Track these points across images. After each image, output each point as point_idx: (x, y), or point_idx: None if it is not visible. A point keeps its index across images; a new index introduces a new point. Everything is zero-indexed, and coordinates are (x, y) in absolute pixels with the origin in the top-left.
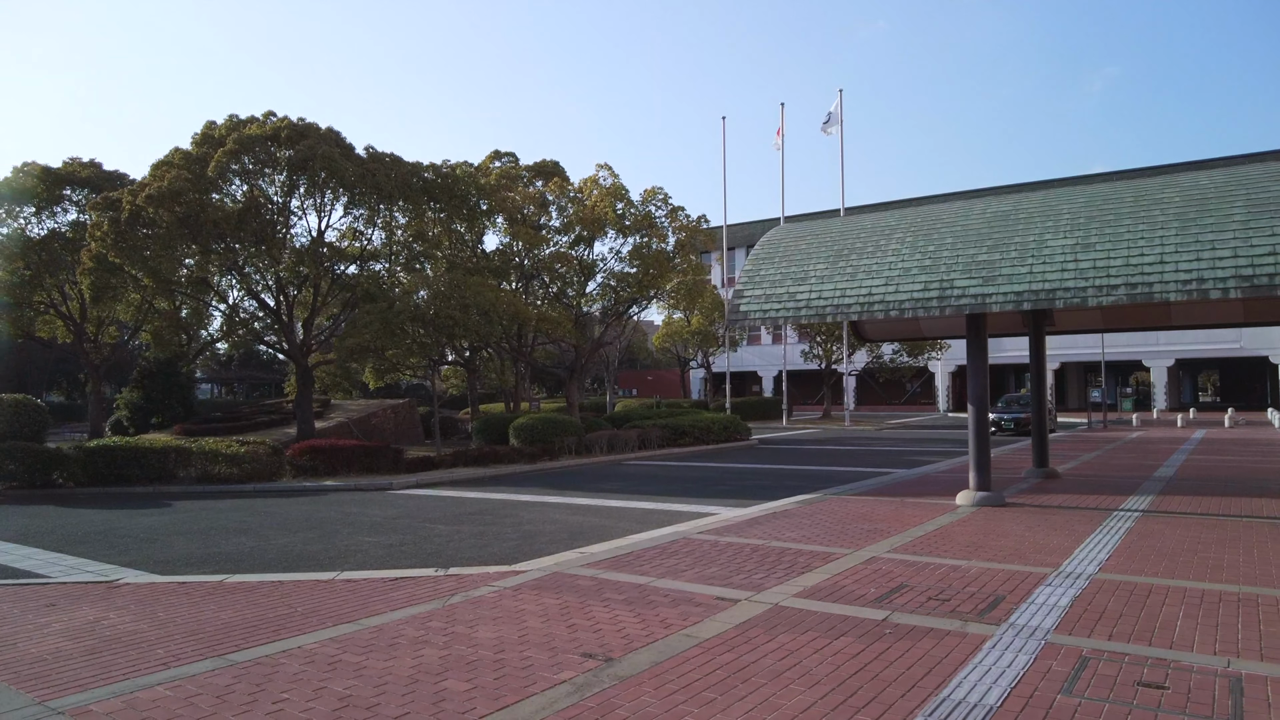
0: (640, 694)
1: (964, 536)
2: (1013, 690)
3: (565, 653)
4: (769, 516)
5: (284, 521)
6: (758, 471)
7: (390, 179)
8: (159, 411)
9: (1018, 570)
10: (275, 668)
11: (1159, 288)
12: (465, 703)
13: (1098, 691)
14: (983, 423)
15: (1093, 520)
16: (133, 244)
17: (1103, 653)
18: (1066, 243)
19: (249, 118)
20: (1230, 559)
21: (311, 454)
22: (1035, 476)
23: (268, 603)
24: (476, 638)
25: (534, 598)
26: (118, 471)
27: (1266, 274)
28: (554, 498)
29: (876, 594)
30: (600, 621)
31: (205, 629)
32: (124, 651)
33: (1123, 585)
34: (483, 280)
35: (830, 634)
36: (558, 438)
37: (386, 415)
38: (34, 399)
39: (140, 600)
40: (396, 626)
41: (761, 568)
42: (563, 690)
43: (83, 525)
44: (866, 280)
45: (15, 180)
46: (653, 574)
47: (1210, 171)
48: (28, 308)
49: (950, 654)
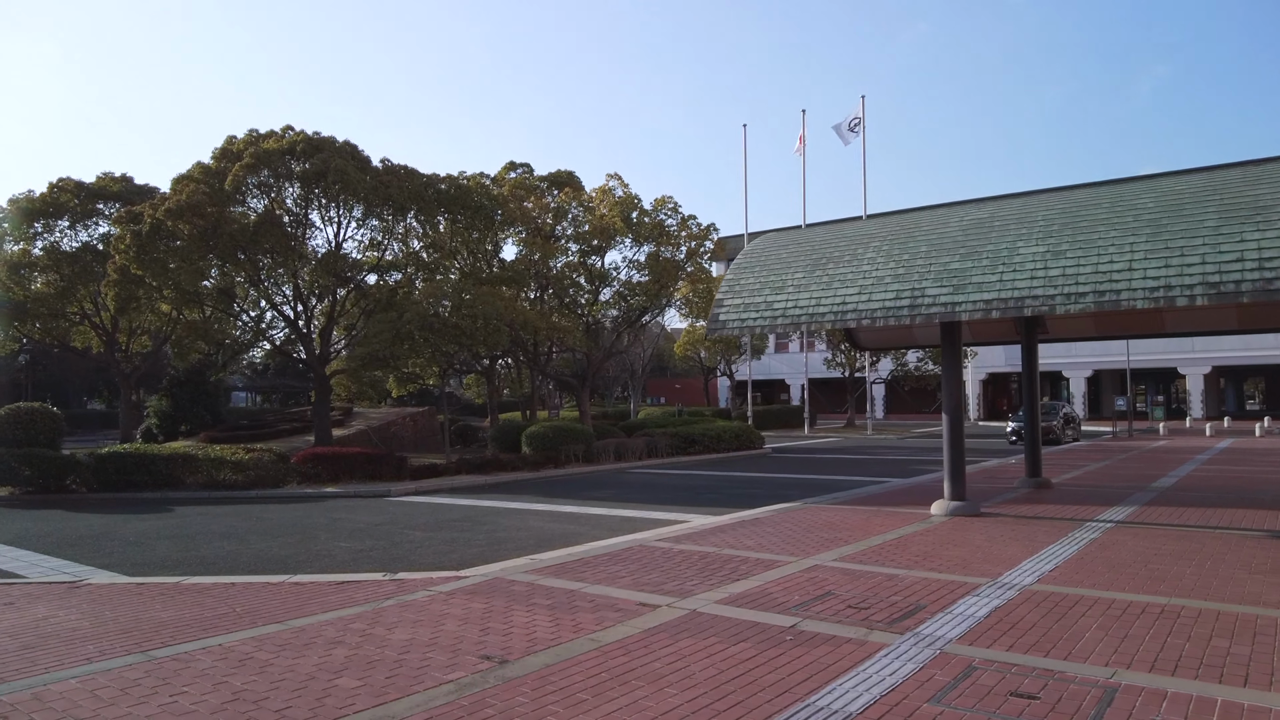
0: (516, 695)
1: (919, 546)
2: (881, 698)
3: (466, 654)
4: (736, 524)
5: (271, 527)
6: (755, 480)
7: (403, 191)
8: (188, 419)
9: (953, 580)
10: (188, 664)
11: (1126, 295)
12: (347, 699)
13: (966, 701)
14: (957, 432)
15: (1059, 531)
16: (154, 256)
17: (993, 663)
18: (1038, 250)
19: (268, 132)
20: (1177, 571)
21: (315, 461)
22: (1027, 486)
23: (211, 603)
24: (390, 639)
25: (463, 602)
26: (127, 478)
27: (1233, 281)
28: (541, 505)
29: (798, 601)
30: (515, 625)
31: (141, 627)
32: (55, 648)
33: (1052, 596)
34: (494, 290)
35: (731, 640)
36: (565, 446)
37: (405, 423)
38: (50, 407)
39: (94, 600)
40: (319, 627)
41: (700, 575)
42: (445, 689)
43: (80, 529)
44: (841, 289)
45: (50, 196)
46: (590, 580)
47: (1191, 175)
48: (62, 318)
49: (838, 662)
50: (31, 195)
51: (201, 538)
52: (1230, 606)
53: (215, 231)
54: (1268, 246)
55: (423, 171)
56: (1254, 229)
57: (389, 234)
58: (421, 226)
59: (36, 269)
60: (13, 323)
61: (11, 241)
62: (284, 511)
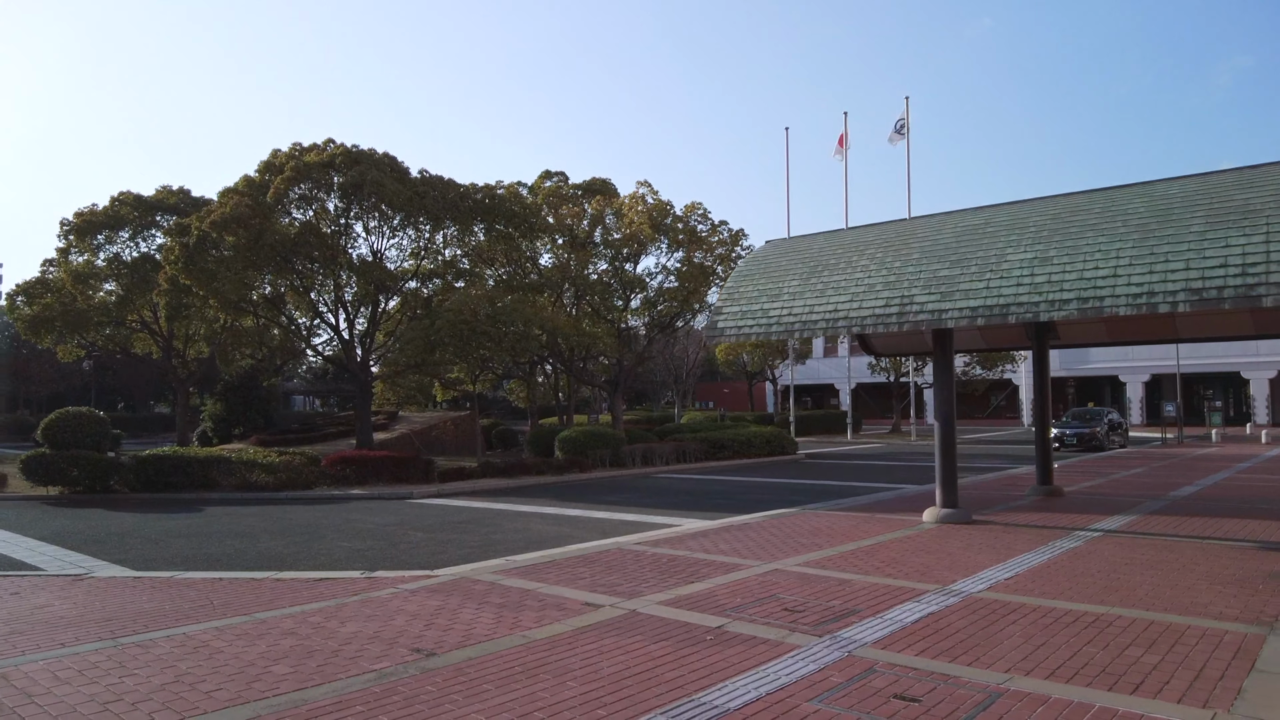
0: (426, 684)
1: (890, 552)
2: (765, 696)
3: (400, 647)
4: (723, 529)
5: (285, 527)
6: (771, 486)
7: (439, 201)
8: (241, 422)
9: (902, 586)
10: (148, 649)
11: (1109, 302)
12: (274, 683)
13: (847, 701)
14: (949, 440)
15: (1041, 540)
16: (201, 267)
17: (895, 666)
18: (1026, 257)
19: (310, 145)
20: (1137, 581)
21: (344, 464)
22: (1035, 494)
23: (194, 596)
24: (338, 632)
25: (421, 599)
26: (166, 479)
27: (1215, 287)
28: (550, 509)
29: (738, 604)
30: (459, 622)
31: (120, 617)
32: (38, 633)
33: (993, 604)
34: (525, 297)
35: (653, 639)
36: (595, 450)
37: (447, 427)
38: (96, 412)
39: (91, 592)
40: (279, 620)
41: (658, 577)
42: (365, 678)
43: (111, 527)
44: (834, 297)
45: (111, 209)
46: (550, 581)
47: (1185, 180)
48: (122, 326)
49: (744, 661)
50: (95, 209)
51: (216, 536)
52: (1168, 617)
53: (258, 242)
54: (1251, 251)
55: (460, 182)
56: (1239, 234)
57: (426, 243)
58: (460, 235)
59: (99, 279)
60: (77, 331)
61: (77, 253)
62: (304, 512)
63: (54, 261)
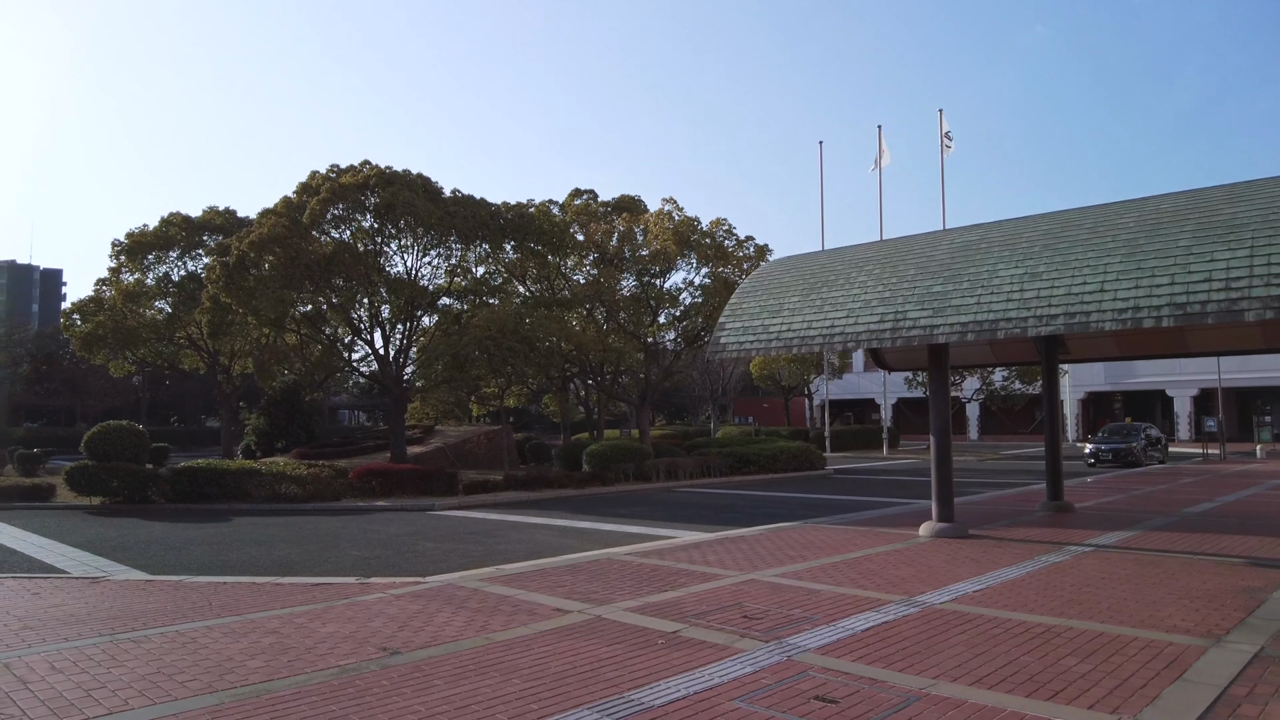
0: (382, 679)
1: (871, 565)
2: (692, 695)
3: (369, 646)
4: (718, 541)
5: (303, 536)
6: (786, 500)
7: (468, 221)
8: (284, 436)
9: (867, 597)
10: (140, 644)
11: (1096, 317)
12: (245, 675)
13: (769, 701)
14: (944, 455)
15: (1028, 554)
16: (241, 285)
17: (828, 670)
18: (1016, 272)
19: (347, 167)
20: (1105, 595)
21: (370, 476)
22: (1045, 510)
23: (196, 597)
24: (318, 631)
25: (404, 603)
26: (200, 490)
27: (1199, 301)
28: (562, 521)
29: (701, 611)
30: (432, 624)
31: (124, 615)
32: (47, 629)
33: (950, 615)
34: (551, 314)
35: (608, 642)
36: (620, 464)
37: (480, 441)
38: (135, 425)
39: (103, 593)
40: (267, 620)
41: (635, 585)
42: (328, 672)
43: (140, 535)
44: (831, 313)
45: (161, 230)
46: (530, 588)
47: (1177, 195)
48: (170, 342)
49: (686, 663)
50: (145, 229)
51: (236, 544)
52: (1120, 629)
53: (294, 262)
54: (1235, 266)
55: (491, 201)
56: (1224, 248)
57: (456, 260)
58: (492, 252)
59: (149, 298)
60: (127, 347)
61: (128, 273)
62: (326, 523)
63: (106, 280)
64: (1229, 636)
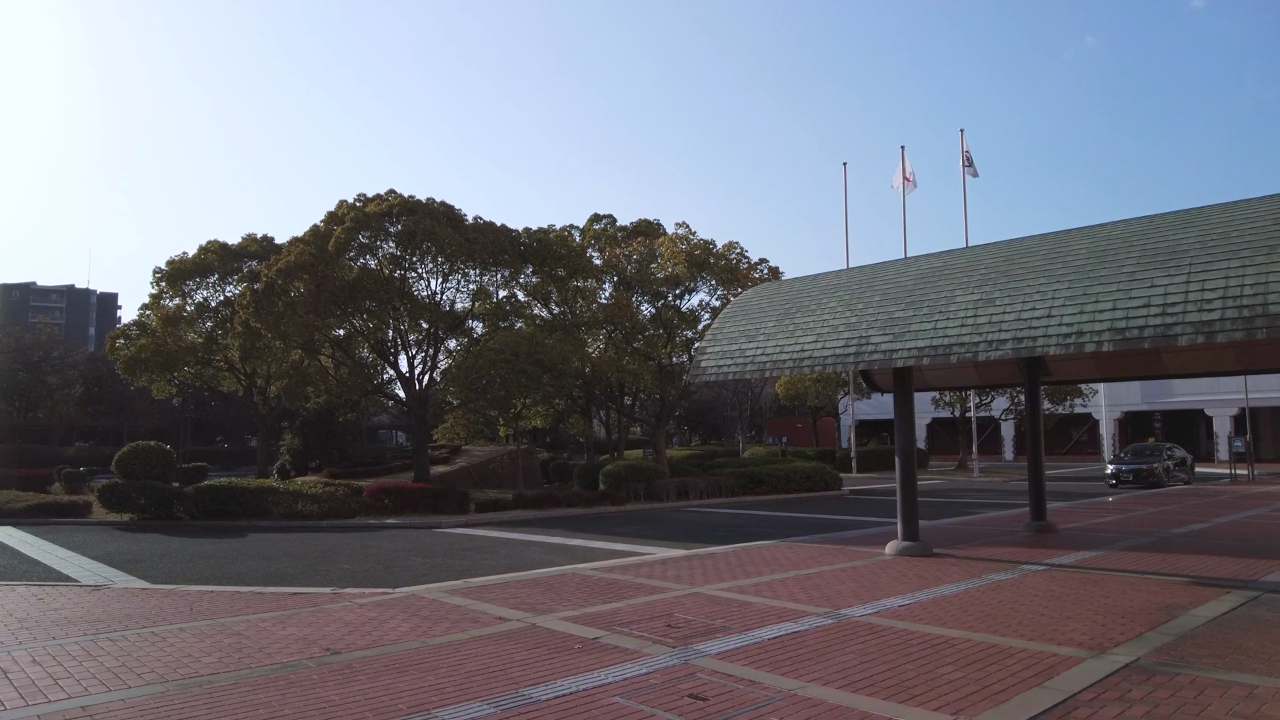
0: (314, 674)
1: (819, 580)
2: (578, 691)
3: (317, 646)
4: (688, 558)
5: (306, 551)
6: (781, 520)
7: (488, 247)
8: (317, 456)
9: (793, 609)
10: (116, 642)
11: (1041, 341)
12: (197, 669)
13: (646, 698)
14: (909, 475)
15: (979, 572)
16: (270, 310)
17: (716, 673)
18: (972, 298)
19: (373, 196)
20: (1025, 610)
21: (383, 495)
22: (1027, 530)
23: (181, 604)
24: (275, 634)
25: (362, 611)
26: (221, 507)
27: (1137, 327)
28: (555, 539)
29: (630, 620)
30: (381, 629)
31: (110, 618)
32: (40, 629)
33: (861, 626)
34: (565, 336)
35: (530, 646)
36: (631, 483)
37: (504, 461)
38: (163, 445)
39: (101, 599)
40: (236, 624)
41: (584, 597)
42: (268, 668)
43: (156, 549)
44: (802, 337)
45: (200, 257)
46: (485, 599)
47: (1130, 222)
48: (209, 365)
49: (588, 665)
50: (185, 257)
51: (241, 558)
52: (1015, 641)
53: (320, 288)
54: (1173, 292)
55: (513, 227)
56: (1164, 274)
57: (476, 285)
58: (512, 276)
59: (188, 322)
60: (168, 370)
61: (168, 298)
62: (333, 539)
63: (148, 305)
64: (1116, 649)
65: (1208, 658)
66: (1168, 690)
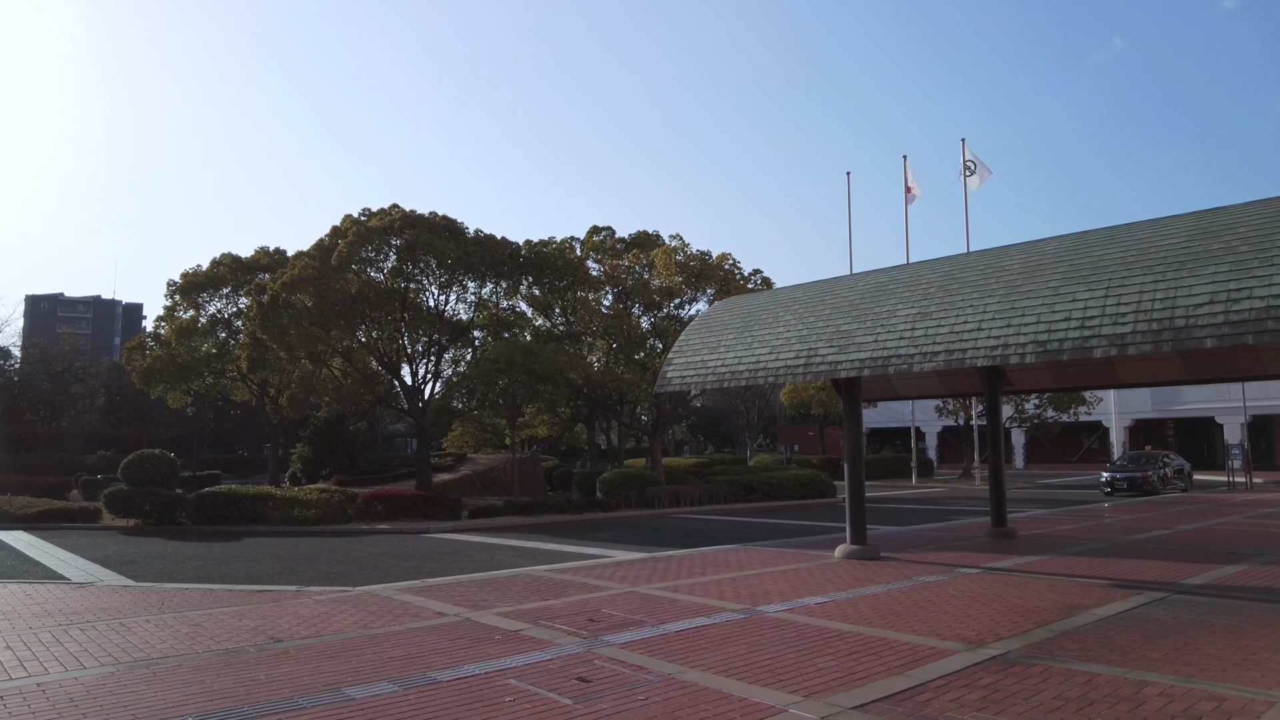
0: (252, 658)
1: (755, 581)
2: (479, 674)
3: (264, 635)
4: (643, 561)
5: (292, 554)
6: (759, 525)
7: (485, 260)
8: (327, 463)
9: (714, 605)
10: (85, 630)
11: (971, 353)
12: (149, 653)
13: (537, 680)
14: (857, 482)
15: (912, 574)
16: (275, 323)
17: (611, 660)
18: (911, 312)
19: (377, 210)
20: (933, 609)
21: (376, 501)
22: (987, 536)
23: (153, 599)
24: (232, 625)
25: (317, 606)
26: (221, 513)
27: (1058, 339)
28: (533, 543)
29: (557, 615)
30: (328, 622)
31: (88, 610)
32: (20, 621)
33: (767, 621)
34: (561, 346)
35: (454, 638)
36: (624, 491)
37: (507, 469)
38: (167, 453)
39: (84, 596)
40: (200, 616)
41: (526, 595)
42: (215, 651)
43: (152, 552)
44: (759, 349)
45: (212, 270)
46: (435, 597)
47: (1061, 238)
48: (222, 376)
49: (500, 653)
50: (199, 270)
51: (228, 560)
52: (904, 636)
53: (323, 300)
54: (1092, 306)
55: (513, 240)
56: (1086, 289)
57: (474, 296)
58: (511, 288)
59: (202, 334)
60: (182, 381)
61: (181, 310)
62: (322, 543)
63: (162, 318)
64: (994, 644)
65: (1074, 651)
66: (1014, 678)
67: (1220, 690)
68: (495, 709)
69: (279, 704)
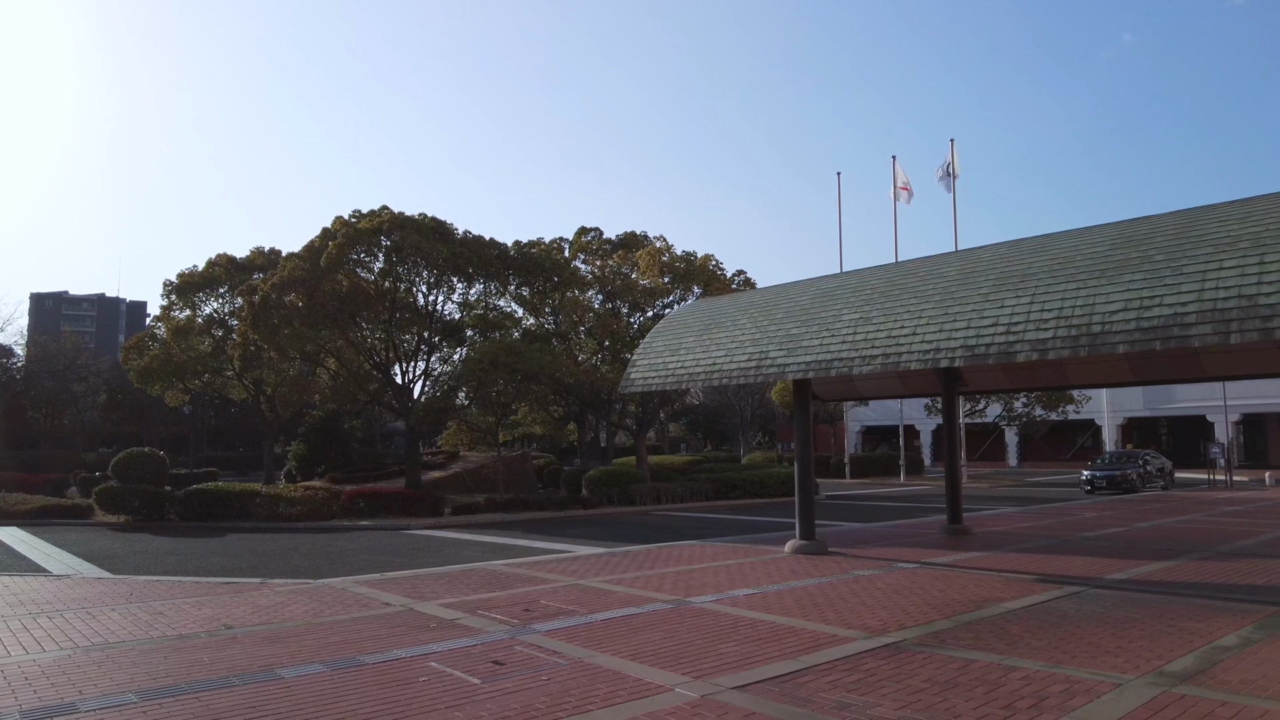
0: (200, 642)
1: (699, 575)
2: (405, 658)
3: (218, 623)
4: (599, 555)
5: (270, 549)
6: (728, 522)
7: (472, 261)
8: (322, 461)
9: (647, 597)
10: (53, 619)
11: (905, 357)
12: (108, 637)
13: (456, 663)
14: (806, 479)
15: (849, 569)
16: (266, 323)
17: (531, 645)
18: (854, 317)
19: (368, 212)
20: (855, 601)
21: (360, 498)
22: (944, 533)
23: (126, 591)
24: (191, 614)
25: (275, 597)
26: (208, 510)
27: (985, 344)
28: (505, 539)
29: (495, 605)
30: (281, 611)
31: (61, 600)
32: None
33: (690, 611)
34: (544, 346)
35: (391, 626)
36: (608, 489)
37: (497, 467)
38: (157, 452)
39: (61, 587)
40: (164, 606)
41: (474, 588)
42: (169, 637)
43: (136, 547)
44: (715, 351)
45: (208, 271)
46: (387, 590)
47: (997, 245)
48: (218, 375)
49: (430, 639)
50: (195, 270)
51: (206, 555)
52: (816, 625)
53: (313, 301)
54: (1018, 312)
55: (501, 240)
56: (1014, 295)
57: (461, 296)
58: (500, 288)
59: (198, 334)
60: (178, 379)
61: (178, 310)
62: (300, 539)
63: (159, 318)
64: (894, 633)
65: (965, 640)
66: (895, 664)
67: (1078, 674)
68: (408, 687)
69: (214, 682)
